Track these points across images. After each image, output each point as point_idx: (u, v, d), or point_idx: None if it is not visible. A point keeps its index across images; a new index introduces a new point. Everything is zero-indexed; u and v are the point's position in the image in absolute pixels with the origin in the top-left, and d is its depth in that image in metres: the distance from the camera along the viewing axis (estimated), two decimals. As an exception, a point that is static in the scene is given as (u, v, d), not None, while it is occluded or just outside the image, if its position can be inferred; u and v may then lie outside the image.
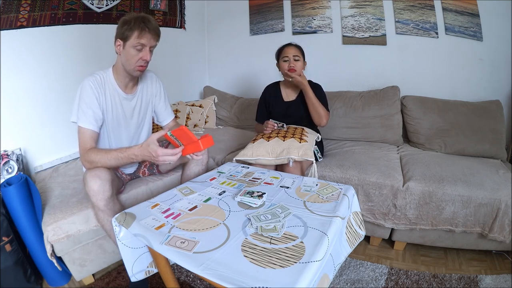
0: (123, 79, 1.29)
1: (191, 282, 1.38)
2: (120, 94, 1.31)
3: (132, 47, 1.16)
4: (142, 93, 1.40)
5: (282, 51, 1.68)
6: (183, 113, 2.39)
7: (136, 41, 1.15)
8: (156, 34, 1.19)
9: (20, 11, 1.62)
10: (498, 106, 1.81)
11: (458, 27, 1.95)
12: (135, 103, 1.38)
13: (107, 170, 1.21)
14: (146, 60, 1.20)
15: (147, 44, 1.17)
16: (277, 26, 2.56)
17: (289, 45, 1.68)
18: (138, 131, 1.46)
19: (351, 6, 2.24)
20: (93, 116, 1.21)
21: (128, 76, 1.28)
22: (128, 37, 1.15)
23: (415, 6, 2.04)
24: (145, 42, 1.16)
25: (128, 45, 1.17)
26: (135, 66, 1.20)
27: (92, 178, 1.14)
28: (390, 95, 2.02)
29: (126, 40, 1.16)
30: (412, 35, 2.08)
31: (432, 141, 1.85)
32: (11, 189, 1.23)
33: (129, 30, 1.14)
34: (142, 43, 1.16)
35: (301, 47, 1.70)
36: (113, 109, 1.31)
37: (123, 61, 1.22)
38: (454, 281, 1.34)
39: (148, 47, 1.19)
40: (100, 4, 2.00)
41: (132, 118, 1.39)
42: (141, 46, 1.16)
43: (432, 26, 2.01)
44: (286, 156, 1.41)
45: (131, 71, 1.23)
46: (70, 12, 1.84)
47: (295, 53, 1.64)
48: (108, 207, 1.19)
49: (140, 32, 1.14)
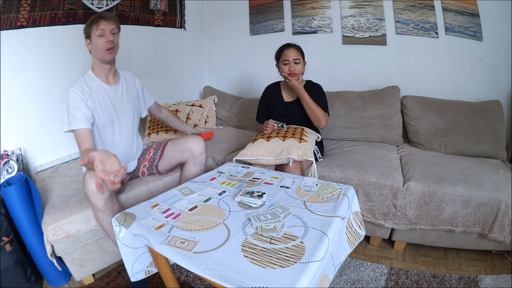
0: (102, 71, 1.37)
1: (191, 282, 1.38)
2: (105, 87, 1.38)
3: (96, 37, 1.28)
4: (125, 82, 1.48)
5: (282, 54, 1.66)
6: (183, 113, 2.38)
7: (96, 30, 1.28)
8: (112, 18, 1.31)
9: (20, 11, 1.62)
10: (498, 106, 1.81)
11: (458, 27, 1.95)
12: (121, 92, 1.45)
13: None
14: (111, 41, 1.30)
15: (106, 28, 1.29)
16: (277, 26, 2.56)
17: (289, 46, 1.66)
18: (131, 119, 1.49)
19: (351, 6, 2.24)
20: (83, 116, 1.26)
21: (105, 66, 1.36)
22: (90, 32, 1.29)
23: (415, 6, 2.04)
24: (104, 27, 1.28)
25: (92, 38, 1.29)
26: (104, 51, 1.30)
27: (91, 178, 1.15)
28: (390, 95, 2.02)
29: (90, 35, 1.30)
30: (412, 35, 2.08)
31: (432, 141, 1.85)
32: (11, 189, 1.23)
33: (88, 26, 1.30)
34: (102, 29, 1.28)
35: (301, 48, 1.69)
36: (101, 103, 1.35)
37: (94, 54, 1.33)
38: (454, 281, 1.34)
39: (109, 31, 1.29)
40: (100, 4, 2.00)
41: (122, 108, 1.44)
42: (102, 31, 1.28)
43: (432, 26, 2.01)
44: (286, 156, 1.41)
45: (104, 57, 1.31)
46: (70, 12, 1.85)
47: (296, 56, 1.62)
48: (107, 207, 1.19)
49: (97, 22, 1.28)
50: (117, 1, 2.10)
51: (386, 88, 2.07)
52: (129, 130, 1.49)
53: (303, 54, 1.68)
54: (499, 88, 1.92)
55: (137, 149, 1.57)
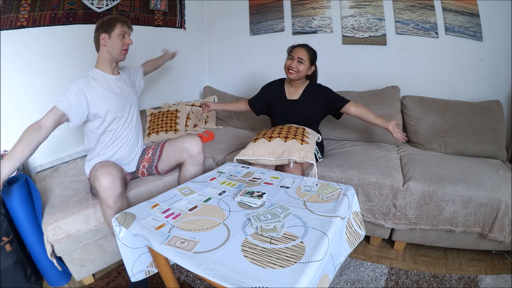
0: (108, 67, 1.44)
1: (191, 282, 1.38)
2: (111, 77, 1.45)
3: (117, 36, 1.37)
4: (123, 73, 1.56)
5: (292, 50, 1.69)
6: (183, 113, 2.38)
7: (119, 30, 1.37)
8: (130, 25, 1.45)
9: (20, 11, 1.62)
10: (498, 106, 1.81)
11: (458, 27, 1.95)
12: (123, 81, 1.52)
13: (118, 167, 1.28)
14: (129, 44, 1.42)
15: (128, 32, 1.42)
16: (277, 26, 2.56)
17: (299, 45, 1.68)
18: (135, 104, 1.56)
19: (351, 6, 2.24)
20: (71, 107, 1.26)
21: (113, 63, 1.45)
22: (113, 29, 1.36)
23: (415, 6, 2.04)
24: (126, 30, 1.41)
25: (113, 36, 1.36)
26: (121, 51, 1.40)
27: (103, 174, 1.18)
28: (390, 95, 2.02)
29: (110, 32, 1.36)
30: (412, 35, 2.08)
31: (432, 141, 1.85)
32: (11, 189, 1.23)
33: (112, 24, 1.36)
34: (125, 31, 1.39)
35: (314, 52, 1.69)
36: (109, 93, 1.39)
37: (109, 50, 1.38)
38: (454, 281, 1.34)
39: (128, 35, 1.42)
40: (100, 4, 2.00)
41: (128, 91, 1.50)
42: (124, 33, 1.39)
43: (432, 26, 2.01)
44: (287, 157, 1.41)
45: (118, 56, 1.41)
46: (70, 12, 1.85)
47: (301, 55, 1.64)
48: (117, 204, 1.21)
49: (122, 23, 1.38)
50: (117, 1, 2.10)
51: (386, 88, 2.07)
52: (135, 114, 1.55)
53: (311, 57, 1.68)
54: (499, 88, 1.92)
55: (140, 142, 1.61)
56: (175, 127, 2.28)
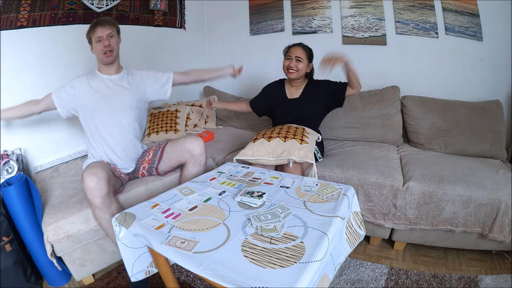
0: (103, 67, 1.50)
1: (191, 282, 1.38)
2: (104, 77, 1.49)
3: (95, 43, 1.41)
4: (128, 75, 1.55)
5: (288, 50, 1.71)
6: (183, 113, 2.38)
7: (94, 37, 1.40)
8: (107, 22, 1.42)
9: (20, 11, 1.62)
10: (498, 106, 1.81)
11: (458, 27, 1.95)
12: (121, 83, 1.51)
13: (104, 168, 1.26)
14: (107, 45, 1.41)
15: (103, 34, 1.39)
16: (277, 26, 2.56)
17: (296, 45, 1.69)
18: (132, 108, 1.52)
19: (351, 6, 2.24)
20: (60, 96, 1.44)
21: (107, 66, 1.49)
22: (90, 38, 1.43)
23: (415, 6, 2.04)
24: (100, 33, 1.39)
25: (93, 44, 1.43)
26: (102, 55, 1.42)
27: (89, 175, 1.18)
28: (390, 95, 2.02)
29: (91, 41, 1.44)
30: (412, 35, 2.08)
31: (432, 141, 1.85)
32: (11, 189, 1.23)
33: (88, 34, 1.44)
34: (99, 36, 1.40)
35: (310, 49, 1.71)
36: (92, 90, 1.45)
37: (95, 54, 1.46)
38: (454, 281, 1.34)
39: (105, 36, 1.40)
40: (100, 4, 2.00)
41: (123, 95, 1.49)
42: (99, 37, 1.40)
43: (432, 26, 2.01)
44: (286, 157, 1.41)
45: (103, 60, 1.45)
46: (70, 12, 1.84)
47: (299, 54, 1.65)
48: (105, 204, 1.21)
49: (94, 29, 1.40)
50: (117, 1, 2.10)
51: (386, 88, 2.07)
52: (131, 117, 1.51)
53: (309, 55, 1.69)
54: (499, 88, 1.92)
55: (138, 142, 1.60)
56: (175, 127, 2.28)
